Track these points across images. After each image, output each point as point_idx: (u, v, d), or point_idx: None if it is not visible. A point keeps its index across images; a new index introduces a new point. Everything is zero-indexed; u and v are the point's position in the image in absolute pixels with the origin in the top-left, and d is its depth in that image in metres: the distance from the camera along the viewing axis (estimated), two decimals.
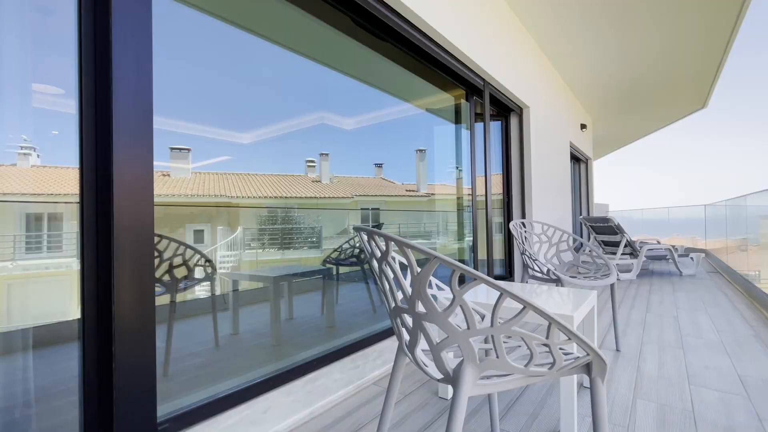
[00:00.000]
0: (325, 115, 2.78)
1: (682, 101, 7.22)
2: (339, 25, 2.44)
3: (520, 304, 1.51)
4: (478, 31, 3.29)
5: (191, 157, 2.52)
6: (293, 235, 3.54)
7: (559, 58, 5.28)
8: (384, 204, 3.76)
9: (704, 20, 4.24)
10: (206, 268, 2.53)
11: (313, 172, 3.47)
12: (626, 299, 3.82)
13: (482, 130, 3.68)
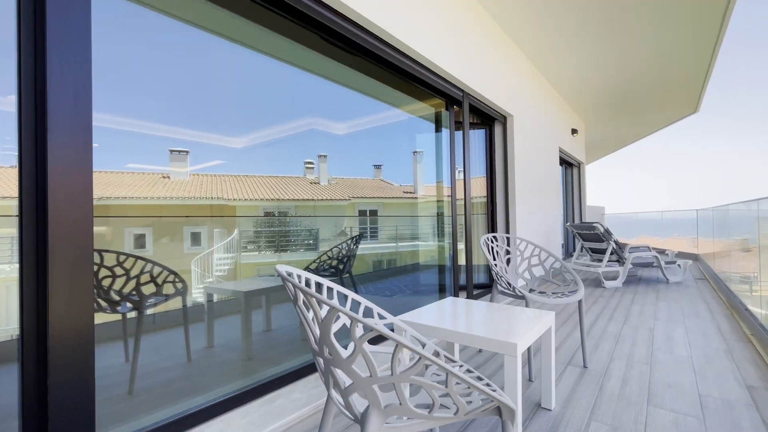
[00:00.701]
0: (316, 120, 2.90)
1: (673, 106, 7.20)
2: (310, 44, 2.46)
3: (467, 340, 1.52)
4: (456, 43, 3.29)
5: (189, 159, 2.57)
6: (290, 237, 3.56)
7: (547, 66, 5.27)
8: (382, 206, 3.79)
9: (689, 27, 4.23)
10: (176, 283, 2.54)
11: (311, 173, 3.49)
12: (607, 309, 3.82)
13: (462, 138, 3.68)
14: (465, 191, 3.68)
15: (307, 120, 2.93)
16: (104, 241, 2.35)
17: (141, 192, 2.54)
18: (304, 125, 2.95)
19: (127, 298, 2.25)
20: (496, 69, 4.07)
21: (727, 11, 3.93)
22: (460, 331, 1.56)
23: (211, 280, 2.98)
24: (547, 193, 5.79)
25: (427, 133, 3.76)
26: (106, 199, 2.44)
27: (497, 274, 2.46)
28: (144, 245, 2.64)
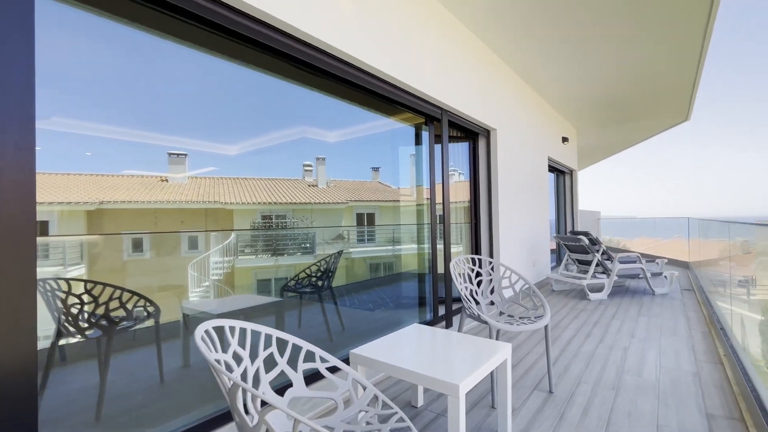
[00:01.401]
0: (308, 128, 3.04)
1: (664, 115, 7.19)
2: (293, 75, 2.52)
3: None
4: (434, 62, 3.31)
5: (188, 163, 2.61)
6: (287, 241, 3.60)
7: (534, 77, 5.28)
8: (379, 209, 3.83)
9: (670, 42, 4.24)
10: (147, 307, 2.57)
11: (310, 175, 3.52)
12: (587, 325, 3.83)
13: (441, 153, 3.69)
14: (444, 207, 3.70)
15: (300, 128, 3.04)
16: (102, 246, 2.42)
17: (139, 196, 2.59)
18: (296, 133, 3.05)
19: (95, 325, 2.28)
20: (478, 85, 4.08)
21: (708, 27, 3.93)
22: (407, 369, 1.58)
23: (207, 284, 3.02)
24: (534, 203, 5.80)
25: (411, 145, 3.81)
26: (106, 203, 2.48)
27: (465, 298, 2.47)
28: (141, 249, 2.69)
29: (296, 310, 3.32)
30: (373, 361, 1.71)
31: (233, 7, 1.87)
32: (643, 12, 3.59)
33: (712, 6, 3.50)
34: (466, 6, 3.45)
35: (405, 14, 2.94)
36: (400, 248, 4.05)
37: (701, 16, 3.68)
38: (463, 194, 4.67)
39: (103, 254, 2.44)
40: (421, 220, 3.79)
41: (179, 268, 2.80)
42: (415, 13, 3.07)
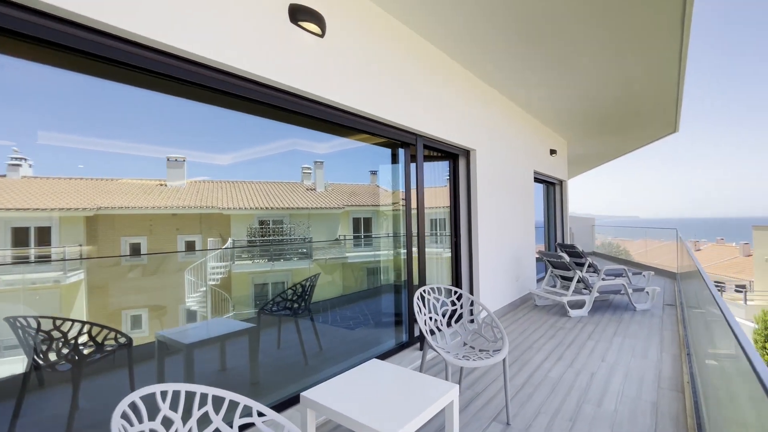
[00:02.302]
0: (298, 141, 3.21)
1: (651, 127, 7.22)
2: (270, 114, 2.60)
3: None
4: (407, 89, 3.37)
5: (186, 167, 2.73)
6: (284, 246, 3.69)
7: (518, 95, 5.33)
8: (376, 214, 3.90)
9: (648, 60, 4.27)
10: (118, 338, 2.64)
11: (308, 179, 3.61)
12: (560, 347, 3.88)
13: (416, 173, 3.75)
14: (418, 228, 3.76)
15: (291, 140, 3.16)
16: (99, 252, 2.56)
17: (138, 201, 2.70)
18: (287, 145, 3.19)
19: (65, 358, 2.37)
20: (455, 107, 4.14)
21: (683, 46, 3.97)
22: (348, 416, 1.65)
23: (204, 289, 3.10)
24: (519, 219, 5.85)
25: (389, 164, 3.91)
26: (104, 209, 2.56)
27: (425, 330, 2.53)
28: (139, 253, 2.80)
29: (273, 333, 3.39)
30: (320, 405, 1.77)
31: (219, 69, 1.95)
32: (618, 34, 3.63)
33: (684, 27, 3.54)
34: (441, 33, 3.50)
35: (373, 47, 3.01)
36: (379, 267, 4.12)
37: (674, 36, 3.71)
38: (445, 212, 4.73)
39: (102, 264, 2.56)
40: (398, 241, 3.85)
41: (169, 286, 2.93)
42: (386, 44, 3.13)
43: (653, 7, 3.13)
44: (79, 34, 1.60)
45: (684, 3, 3.09)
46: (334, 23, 2.62)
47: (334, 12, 2.62)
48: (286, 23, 2.34)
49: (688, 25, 3.58)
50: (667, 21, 3.36)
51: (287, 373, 3.11)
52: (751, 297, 16.19)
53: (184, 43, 1.84)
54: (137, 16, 1.68)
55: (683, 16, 3.32)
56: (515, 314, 5.20)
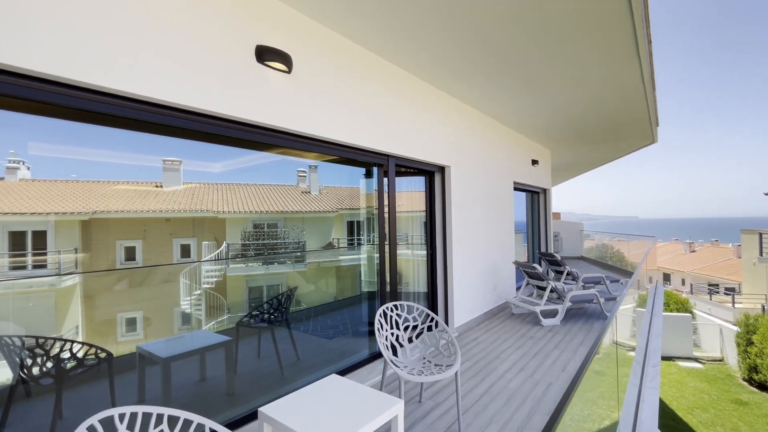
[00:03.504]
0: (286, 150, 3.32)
1: (629, 139, 7.43)
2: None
3: None
4: (378, 114, 3.56)
5: (182, 169, 2.86)
6: (278, 249, 3.84)
7: (495, 111, 5.51)
8: (373, 216, 4.07)
9: (612, 80, 4.45)
10: (99, 354, 2.83)
11: (303, 182, 3.77)
12: (525, 357, 4.07)
13: (388, 191, 3.94)
14: (389, 244, 3.95)
15: (275, 159, 3.36)
16: (93, 258, 2.67)
17: (133, 205, 2.79)
18: (273, 153, 3.33)
19: (47, 374, 2.56)
20: (427, 126, 4.33)
21: (643, 70, 4.15)
22: (295, 430, 1.84)
23: (199, 292, 3.24)
24: (496, 229, 6.04)
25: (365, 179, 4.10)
26: (99, 213, 2.68)
27: (383, 345, 2.72)
28: (134, 257, 2.92)
29: (251, 345, 3.57)
30: (274, 420, 1.96)
31: (194, 112, 2.15)
32: (578, 62, 3.83)
33: (640, 54, 3.72)
34: (413, 59, 3.68)
35: (342, 76, 3.19)
36: (359, 277, 4.31)
37: (632, 64, 3.90)
38: (421, 227, 4.93)
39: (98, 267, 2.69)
40: (373, 251, 4.04)
41: (163, 290, 3.08)
42: (355, 73, 3.32)
43: (607, 38, 3.32)
44: (67, 92, 1.79)
45: (635, 34, 3.27)
46: (300, 57, 2.81)
47: (299, 46, 2.81)
48: (254, 64, 2.53)
49: (646, 52, 3.78)
50: (622, 50, 3.55)
51: (261, 384, 3.30)
52: (739, 300, 16.40)
53: (168, 95, 2.04)
54: (121, 75, 1.87)
55: (636, 45, 3.51)
56: (491, 323, 5.40)
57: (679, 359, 12.74)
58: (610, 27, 3.11)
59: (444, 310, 4.84)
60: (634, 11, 2.87)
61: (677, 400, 10.16)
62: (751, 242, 15.24)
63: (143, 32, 1.99)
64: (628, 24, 3.06)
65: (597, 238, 14.31)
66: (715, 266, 30.76)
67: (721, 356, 12.81)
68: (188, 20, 2.18)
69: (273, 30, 2.63)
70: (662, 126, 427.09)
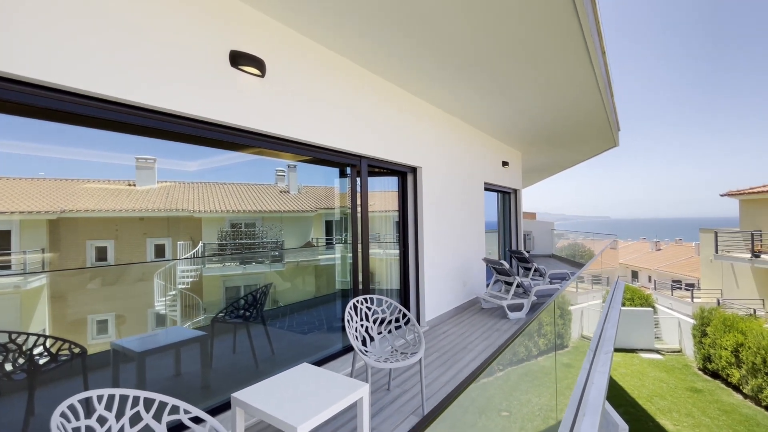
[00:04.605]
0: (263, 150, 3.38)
1: (593, 143, 7.86)
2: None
3: None
4: (349, 117, 3.72)
5: (156, 168, 2.82)
6: (255, 249, 3.82)
7: (467, 114, 5.76)
8: (346, 215, 4.13)
9: (567, 90, 4.77)
10: (72, 349, 2.87)
11: (282, 181, 3.80)
12: (491, 347, 4.32)
13: (362, 192, 4.11)
14: (362, 242, 4.12)
15: (252, 158, 3.41)
16: (62, 258, 2.59)
17: (104, 204, 2.71)
18: (249, 153, 3.38)
19: (20, 369, 2.60)
20: (399, 128, 4.52)
21: (599, 80, 4.48)
22: (266, 411, 1.98)
23: (174, 292, 3.22)
24: (467, 228, 6.30)
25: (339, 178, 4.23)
26: (68, 212, 2.61)
27: (352, 336, 2.89)
28: (106, 258, 2.83)
29: (227, 340, 3.64)
30: (246, 404, 2.10)
31: (171, 114, 2.24)
32: (538, 73, 4.11)
33: (594, 65, 4.02)
34: (387, 65, 3.86)
35: (314, 80, 3.34)
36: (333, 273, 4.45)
37: (587, 75, 4.22)
38: (394, 226, 5.11)
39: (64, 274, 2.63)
40: (347, 249, 4.20)
41: (136, 290, 3.02)
42: (328, 77, 3.47)
43: (562, 49, 3.59)
44: (39, 93, 1.87)
45: (587, 46, 3.56)
46: (273, 62, 2.94)
47: (273, 51, 2.94)
48: (228, 68, 2.65)
49: (600, 62, 4.09)
50: (577, 60, 3.84)
51: (236, 378, 3.40)
52: (697, 295, 17.42)
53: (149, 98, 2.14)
54: (113, 79, 1.96)
55: (589, 56, 3.80)
56: (461, 317, 5.65)
57: (641, 351, 13.46)
58: (563, 39, 3.38)
59: (416, 306, 5.04)
60: (583, 24, 3.14)
61: (638, 389, 10.76)
62: (708, 241, 16.21)
63: (117, 34, 2.08)
64: (579, 38, 3.34)
65: (572, 237, 14.96)
66: (678, 264, 32.38)
67: (680, 348, 13.62)
68: (163, 25, 2.28)
69: (247, 36, 2.76)
70: (631, 130, 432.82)
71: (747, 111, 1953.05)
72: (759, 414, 9.30)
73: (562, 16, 2.98)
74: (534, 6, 2.82)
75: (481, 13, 2.91)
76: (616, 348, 13.33)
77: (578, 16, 3.00)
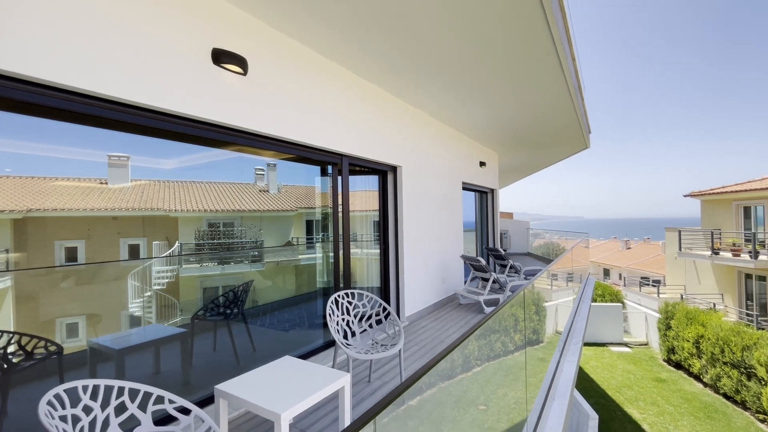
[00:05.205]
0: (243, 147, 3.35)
1: (565, 145, 8.18)
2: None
3: None
4: (332, 116, 3.79)
5: (130, 165, 2.70)
6: (234, 249, 3.73)
7: (446, 116, 5.92)
8: (327, 214, 4.09)
9: (538, 96, 5.00)
10: (48, 347, 2.83)
11: (262, 180, 3.74)
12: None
13: (343, 190, 4.18)
14: (344, 240, 4.19)
15: (233, 156, 3.39)
16: (29, 259, 2.45)
17: (74, 203, 2.57)
18: (230, 151, 3.34)
19: None
20: (380, 129, 4.62)
21: (570, 87, 4.71)
22: (249, 401, 2.04)
23: (149, 293, 3.13)
24: (445, 227, 6.47)
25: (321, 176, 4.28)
26: (35, 211, 2.49)
27: (333, 329, 2.96)
28: (76, 258, 2.69)
29: (207, 338, 3.63)
30: (229, 395, 2.15)
31: (154, 110, 2.25)
32: (511, 79, 4.30)
33: (565, 72, 4.24)
34: (369, 67, 3.95)
35: (296, 79, 3.39)
36: (315, 271, 4.50)
37: (558, 82, 4.44)
38: (375, 224, 5.21)
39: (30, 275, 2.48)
40: (327, 247, 4.26)
41: (109, 292, 2.90)
42: (310, 76, 3.53)
43: (533, 55, 3.78)
44: (17, 86, 1.86)
45: (557, 52, 3.75)
46: (256, 61, 2.99)
47: (256, 50, 2.98)
48: (210, 66, 2.67)
49: (570, 68, 4.31)
50: (548, 66, 4.04)
51: (217, 373, 3.41)
52: (663, 290, 18.31)
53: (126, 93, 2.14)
54: (98, 75, 1.96)
55: (560, 62, 4.01)
56: (439, 312, 5.80)
57: (611, 345, 14.07)
58: (534, 46, 3.56)
59: (396, 302, 5.16)
60: (553, 32, 3.32)
61: (608, 381, 11.26)
62: (673, 239, 17.06)
63: (92, 24, 2.05)
64: (549, 45, 3.53)
65: (547, 237, 15.47)
66: (646, 261, 33.86)
67: (647, 341, 14.31)
68: (142, 17, 2.28)
69: (230, 34, 2.79)
70: (603, 133, 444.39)
71: (710, 114, 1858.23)
72: (717, 401, 9.91)
73: (533, 24, 3.15)
74: (507, 14, 2.98)
75: (457, 20, 3.05)
76: (588, 342, 13.88)
77: (548, 24, 3.18)
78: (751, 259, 12.16)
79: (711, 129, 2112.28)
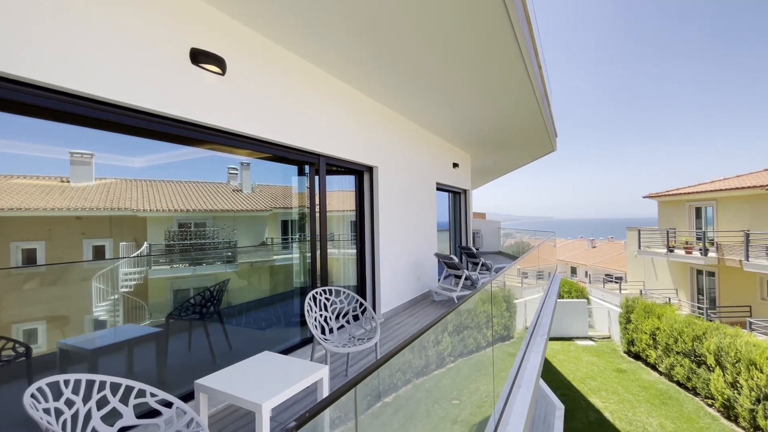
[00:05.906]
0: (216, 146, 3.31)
1: (532, 148, 8.56)
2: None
3: None
4: (310, 116, 3.86)
5: (95, 163, 2.55)
6: (206, 249, 3.59)
7: (418, 117, 6.08)
8: (304, 214, 4.02)
9: (504, 102, 5.25)
10: (16, 348, 2.75)
11: (235, 179, 3.64)
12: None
13: (320, 189, 4.25)
14: (321, 239, 4.26)
15: (208, 154, 3.33)
16: None
17: (34, 202, 2.42)
18: (205, 149, 3.30)
19: None
20: (357, 130, 4.72)
21: (536, 92, 4.98)
22: (228, 393, 2.10)
23: (116, 296, 2.99)
24: (420, 226, 6.65)
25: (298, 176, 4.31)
26: None
27: (311, 325, 3.04)
28: (35, 261, 2.51)
29: (182, 337, 3.60)
30: (209, 388, 2.20)
31: (129, 108, 2.24)
32: (477, 86, 4.51)
33: (531, 78, 4.49)
34: (340, 66, 4.04)
35: (274, 80, 3.45)
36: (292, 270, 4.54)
37: (524, 87, 4.69)
38: (351, 224, 5.30)
39: None
40: (305, 246, 4.32)
41: (72, 296, 2.76)
42: (287, 77, 3.59)
43: (501, 62, 3.99)
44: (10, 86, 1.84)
45: (524, 59, 3.98)
46: (235, 61, 3.02)
47: (235, 51, 3.02)
48: (188, 65, 2.70)
49: (536, 75, 4.57)
50: (515, 72, 4.27)
51: (193, 372, 3.40)
52: (625, 287, 19.37)
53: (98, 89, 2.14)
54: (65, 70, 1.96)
55: (527, 69, 4.24)
56: (414, 309, 5.97)
57: (577, 339, 14.76)
58: (502, 56, 3.76)
59: (372, 300, 5.27)
60: (520, 42, 3.53)
61: (573, 373, 11.83)
62: (633, 238, 18.08)
63: (63, 17, 2.03)
64: (516, 54, 3.74)
65: (518, 237, 16.02)
66: (610, 259, 35.57)
67: (609, 334, 15.11)
68: (118, 12, 2.27)
69: (208, 34, 2.82)
70: (569, 136, 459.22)
71: (669, 117, 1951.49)
72: (671, 389, 10.63)
73: (501, 34, 3.35)
74: (476, 25, 3.16)
75: (429, 28, 3.20)
76: (556, 337, 14.49)
77: (516, 35, 3.39)
78: (701, 256, 13.10)
79: (670, 131, 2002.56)
